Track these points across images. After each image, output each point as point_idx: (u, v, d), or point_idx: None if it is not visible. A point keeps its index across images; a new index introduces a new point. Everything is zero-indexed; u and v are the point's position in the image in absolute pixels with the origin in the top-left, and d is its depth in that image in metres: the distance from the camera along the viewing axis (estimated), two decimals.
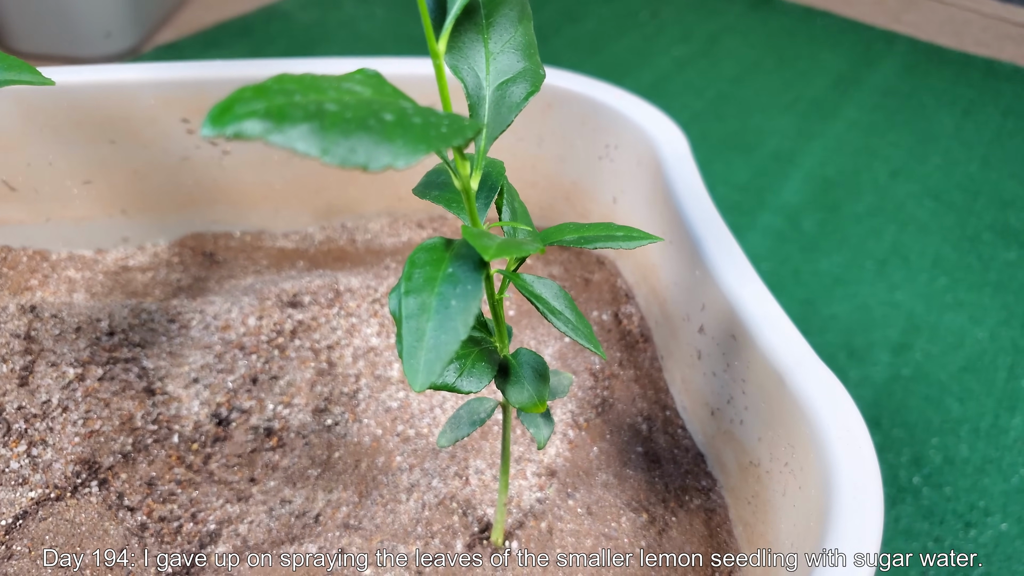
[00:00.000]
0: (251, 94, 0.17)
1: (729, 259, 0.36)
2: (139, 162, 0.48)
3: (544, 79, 0.26)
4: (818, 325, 0.59)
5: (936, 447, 0.50)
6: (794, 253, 0.67)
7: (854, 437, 0.27)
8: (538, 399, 0.28)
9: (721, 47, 1.02)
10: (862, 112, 0.89)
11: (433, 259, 0.24)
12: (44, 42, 0.87)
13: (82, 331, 0.43)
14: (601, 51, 0.99)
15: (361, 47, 0.95)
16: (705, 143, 0.82)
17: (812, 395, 0.29)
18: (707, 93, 0.92)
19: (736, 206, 0.73)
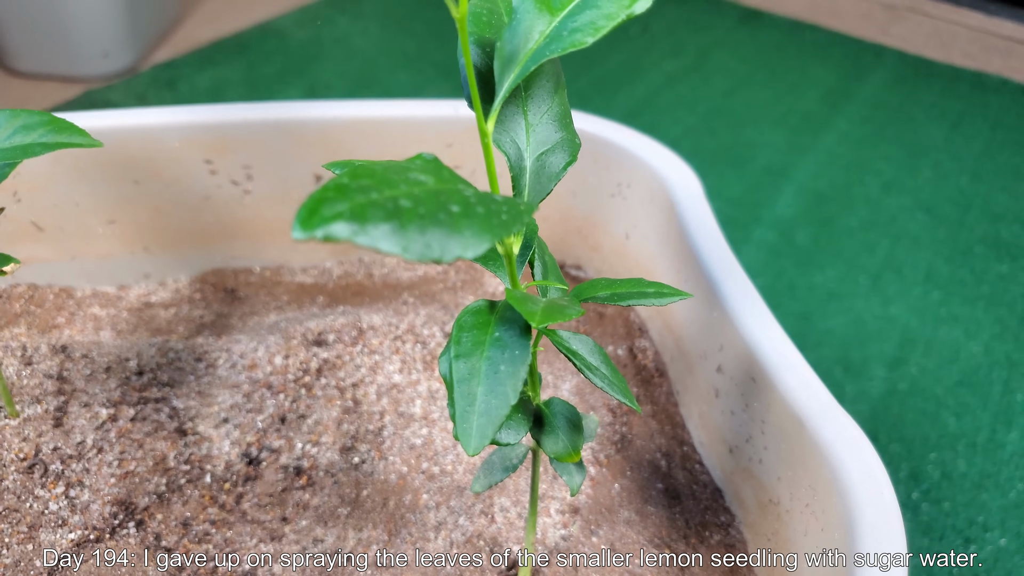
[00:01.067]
0: (333, 194, 0.18)
1: (747, 302, 0.37)
2: (162, 201, 0.49)
3: (580, 148, 0.27)
4: (814, 339, 0.61)
5: (934, 462, 0.52)
6: (789, 267, 0.68)
7: (877, 483, 0.29)
8: (572, 449, 0.30)
9: (712, 62, 1.04)
10: (852, 125, 0.90)
11: (480, 322, 0.25)
12: (43, 62, 0.88)
13: (112, 371, 0.44)
14: (593, 67, 1.01)
15: (356, 64, 0.97)
16: (698, 157, 0.83)
17: (834, 441, 0.31)
18: (699, 107, 0.93)
19: (730, 220, 0.74)
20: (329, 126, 0.48)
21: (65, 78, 0.89)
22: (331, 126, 0.48)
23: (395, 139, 0.49)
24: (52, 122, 0.32)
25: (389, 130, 0.48)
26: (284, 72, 0.94)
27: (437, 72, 0.95)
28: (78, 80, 0.89)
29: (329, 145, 0.49)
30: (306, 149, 0.49)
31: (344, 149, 0.49)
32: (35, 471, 0.39)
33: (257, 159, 0.49)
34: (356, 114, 0.48)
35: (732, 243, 0.70)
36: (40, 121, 0.32)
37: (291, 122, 0.47)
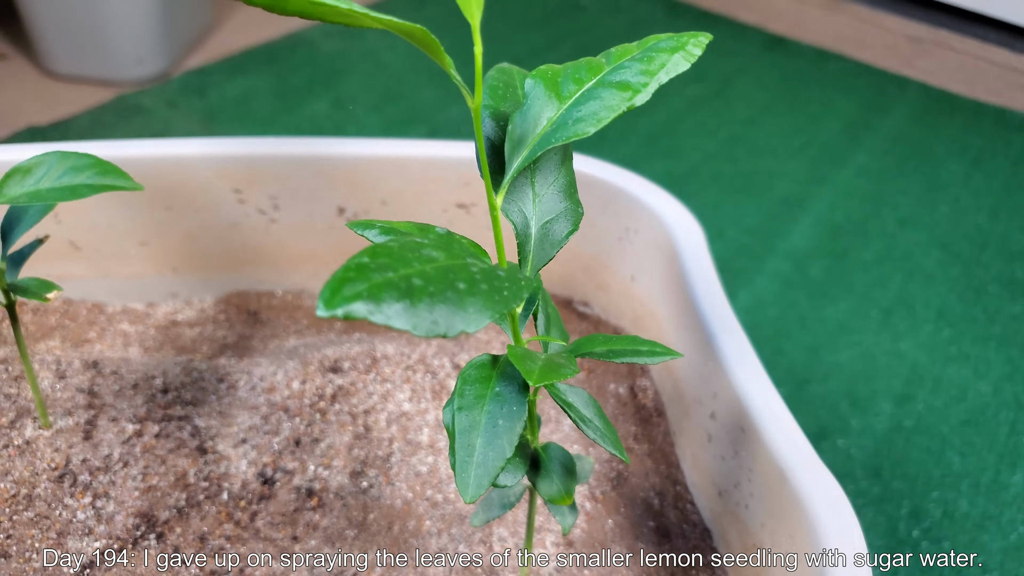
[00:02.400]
0: (354, 274, 0.20)
1: (741, 356, 0.39)
2: (192, 226, 0.52)
3: (582, 216, 0.30)
4: (822, 372, 0.62)
5: (936, 501, 0.53)
6: (801, 299, 0.69)
7: (851, 539, 0.31)
8: (566, 493, 0.32)
9: (735, 88, 1.05)
10: (872, 158, 0.91)
11: (482, 376, 0.28)
12: (79, 64, 0.92)
13: (139, 388, 0.47)
14: None
15: (383, 78, 0.99)
16: (716, 185, 0.85)
17: (812, 496, 0.33)
18: (720, 134, 0.94)
19: (745, 250, 0.75)
20: (353, 163, 0.50)
21: (100, 81, 0.93)
22: (355, 163, 0.50)
23: (415, 177, 0.51)
24: (98, 164, 0.35)
25: (410, 168, 0.51)
26: (312, 83, 0.97)
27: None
28: (112, 84, 0.93)
29: (353, 180, 0.51)
30: (331, 183, 0.51)
31: (367, 185, 0.51)
32: (65, 481, 0.42)
33: (284, 191, 0.51)
34: (379, 152, 0.50)
35: (745, 273, 0.72)
36: (88, 163, 0.35)
37: (317, 157, 0.50)
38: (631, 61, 0.26)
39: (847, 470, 0.55)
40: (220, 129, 0.88)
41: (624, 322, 0.54)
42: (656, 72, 0.25)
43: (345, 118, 0.94)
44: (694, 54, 0.26)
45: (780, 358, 0.64)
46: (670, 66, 0.26)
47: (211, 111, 0.90)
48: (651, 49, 0.26)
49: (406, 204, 0.53)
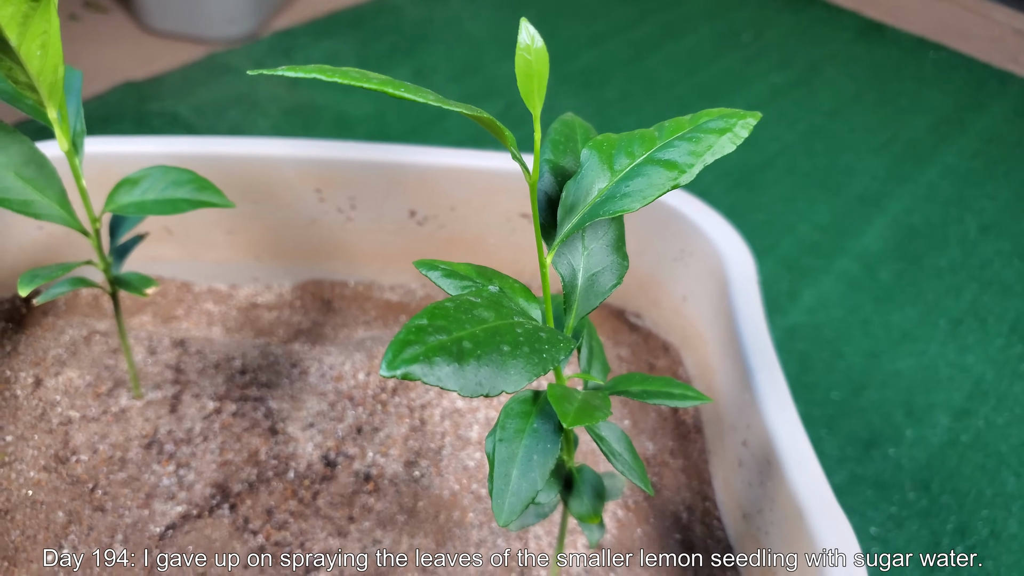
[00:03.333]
0: (413, 336, 0.23)
1: (774, 393, 0.42)
2: (274, 220, 0.56)
3: (627, 270, 0.32)
4: (880, 379, 0.62)
5: (984, 519, 0.53)
6: (866, 303, 0.69)
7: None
8: (594, 513, 0.35)
9: (821, 77, 1.02)
10: (961, 159, 0.88)
11: (523, 411, 0.31)
12: (175, 22, 0.98)
13: (220, 368, 0.51)
14: (698, 71, 1.02)
15: (464, 49, 1.01)
16: (791, 178, 0.84)
17: (825, 538, 0.35)
18: (800, 125, 0.93)
19: (814, 247, 0.75)
20: (424, 170, 0.54)
21: (193, 39, 0.98)
22: (426, 171, 0.54)
23: (481, 187, 0.54)
24: (196, 180, 0.39)
25: (477, 179, 0.54)
26: (394, 50, 1.00)
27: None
28: (204, 42, 0.98)
29: (424, 187, 0.54)
30: (403, 188, 0.55)
31: (437, 192, 0.54)
32: (153, 448, 0.47)
33: (361, 192, 0.55)
34: (448, 162, 0.53)
35: (813, 271, 0.72)
36: (188, 179, 0.39)
37: (391, 164, 0.53)
38: (680, 140, 0.28)
39: (895, 480, 0.55)
40: (302, 92, 0.92)
41: (673, 338, 0.57)
42: (703, 154, 0.28)
43: (424, 87, 0.97)
44: (741, 136, 0.29)
45: (838, 361, 0.64)
46: (716, 148, 0.28)
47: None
48: (700, 129, 0.29)
49: (472, 211, 0.56)
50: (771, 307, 0.69)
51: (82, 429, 0.47)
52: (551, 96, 0.96)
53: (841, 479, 0.56)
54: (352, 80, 0.24)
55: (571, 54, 1.05)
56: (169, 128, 0.85)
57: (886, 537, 0.52)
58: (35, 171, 0.39)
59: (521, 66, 0.25)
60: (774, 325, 0.68)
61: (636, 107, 0.96)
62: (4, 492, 0.44)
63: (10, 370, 0.50)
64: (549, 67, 0.26)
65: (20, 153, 0.39)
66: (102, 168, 0.52)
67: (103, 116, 0.87)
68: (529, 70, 0.25)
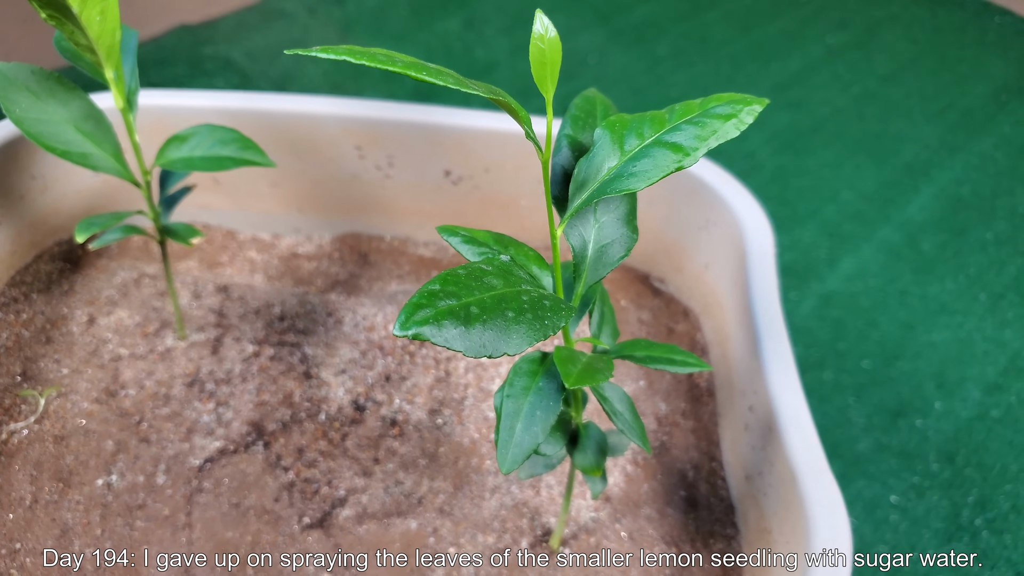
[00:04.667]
0: (425, 300, 0.26)
1: (780, 364, 0.43)
2: (317, 175, 0.59)
3: (636, 241, 0.34)
4: (913, 350, 0.63)
5: (1007, 494, 0.53)
6: (905, 273, 0.69)
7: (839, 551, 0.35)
8: (596, 466, 0.38)
9: (879, 39, 1.00)
10: (1018, 129, 0.86)
11: (531, 371, 0.33)
12: None
13: (260, 313, 0.55)
14: (753, 29, 1.01)
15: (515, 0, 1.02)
16: (839, 143, 0.83)
17: (814, 502, 0.37)
18: (853, 89, 0.92)
19: (857, 215, 0.75)
20: (460, 132, 0.56)
21: None
22: (462, 132, 0.56)
23: (515, 150, 0.56)
24: (241, 140, 0.41)
25: (511, 142, 0.56)
26: (447, 0, 1.01)
27: (595, 16, 0.98)
28: None
29: (459, 148, 0.56)
30: (440, 149, 0.57)
31: (472, 153, 0.56)
32: (195, 387, 0.51)
33: (399, 151, 0.57)
34: (483, 125, 0.55)
35: (853, 239, 0.72)
36: (232, 137, 0.41)
37: (429, 125, 0.55)
38: (687, 124, 0.30)
39: (920, 451, 0.56)
40: (354, 39, 0.93)
41: (694, 304, 0.58)
42: (707, 138, 0.29)
43: (474, 39, 0.98)
44: (746, 122, 0.30)
45: (872, 330, 0.65)
46: (721, 133, 0.29)
47: (348, 21, 0.95)
48: (707, 114, 0.30)
49: (506, 173, 0.58)
50: (808, 273, 0.70)
51: (130, 366, 0.51)
52: (601, 50, 0.97)
53: (865, 447, 0.57)
54: (378, 63, 0.26)
55: (625, 6, 1.04)
56: (222, 72, 0.88)
57: (906, 506, 0.54)
58: (93, 126, 0.42)
59: (535, 55, 0.27)
60: (810, 292, 0.69)
61: (688, 64, 0.95)
62: (60, 420, 0.48)
63: (67, 308, 0.54)
64: (598, 25, 0.28)
65: (80, 108, 0.42)
66: (155, 120, 0.55)
67: (159, 59, 0.90)
68: (543, 58, 0.27)
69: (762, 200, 0.77)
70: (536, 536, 0.46)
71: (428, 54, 0.92)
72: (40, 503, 0.45)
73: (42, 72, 0.41)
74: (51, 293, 0.54)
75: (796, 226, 0.75)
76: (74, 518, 0.45)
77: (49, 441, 0.48)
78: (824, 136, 0.86)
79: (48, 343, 0.52)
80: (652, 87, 0.92)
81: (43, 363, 0.51)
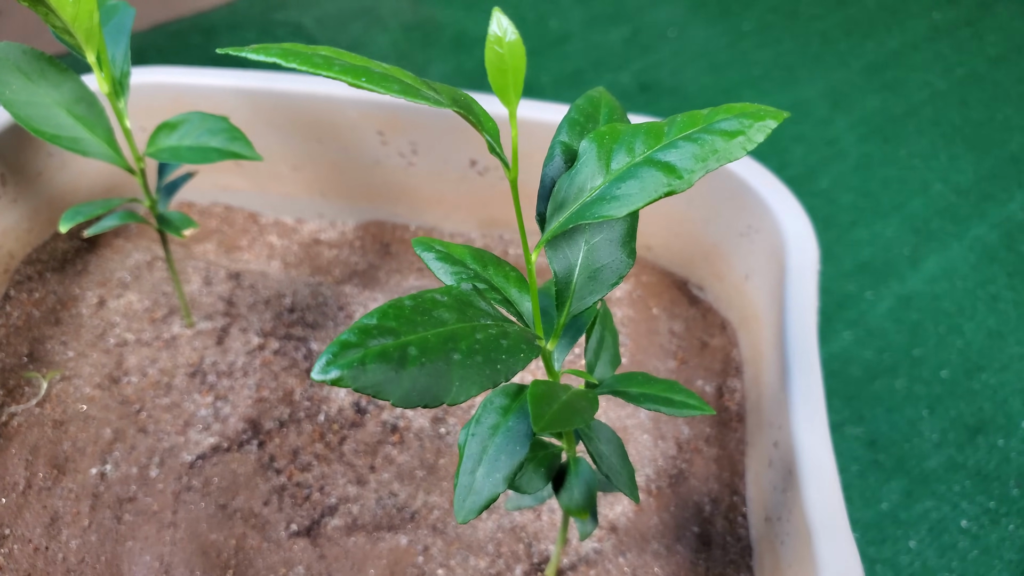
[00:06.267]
0: (356, 339, 0.23)
1: (808, 401, 0.39)
2: (338, 158, 0.56)
3: (632, 266, 0.30)
4: (1000, 362, 0.58)
5: None
6: (999, 276, 0.64)
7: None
8: (582, 508, 0.34)
9: (992, 17, 0.92)
10: None
11: (503, 406, 0.30)
12: None
13: (270, 304, 0.53)
14: (849, 4, 0.94)
15: None
16: (935, 131, 0.78)
17: (829, 562, 0.33)
18: (957, 71, 0.85)
19: (948, 210, 0.70)
20: None
21: None
22: None
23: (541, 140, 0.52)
24: (230, 130, 0.39)
25: (538, 132, 0.52)
26: None
27: None
28: None
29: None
30: (465, 137, 0.53)
31: None
32: (196, 377, 0.49)
33: (422, 139, 0.54)
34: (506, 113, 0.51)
35: (941, 236, 0.67)
36: (222, 127, 0.39)
37: (451, 113, 0.52)
38: (685, 140, 0.26)
39: (999, 473, 0.53)
40: (425, 8, 0.91)
41: (732, 316, 0.54)
42: (706, 159, 0.25)
43: (549, 8, 0.94)
44: (755, 141, 0.26)
45: (955, 337, 0.61)
46: (723, 154, 0.25)
47: None
48: (709, 129, 0.26)
49: (534, 164, 0.54)
50: (888, 271, 0.66)
51: (135, 352, 0.50)
52: (682, 23, 0.91)
53: (937, 464, 0.53)
54: (312, 66, 0.23)
55: None
56: (291, 38, 0.87)
57: (978, 532, 0.50)
58: (85, 109, 0.40)
59: (492, 60, 0.23)
60: (888, 291, 0.64)
61: (774, 40, 0.90)
62: (62, 404, 0.48)
63: (79, 288, 0.53)
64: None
65: (72, 91, 0.40)
66: (172, 99, 0.53)
67: (231, 23, 0.89)
68: (502, 64, 0.23)
69: (843, 190, 0.71)
70: (532, 564, 0.43)
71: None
72: (33, 489, 0.44)
73: (34, 52, 0.39)
74: (65, 273, 0.54)
75: (878, 219, 0.70)
76: (64, 507, 0.44)
77: (48, 426, 0.47)
78: (918, 122, 0.79)
79: (57, 324, 0.51)
80: (733, 64, 0.87)
81: (50, 344, 0.50)
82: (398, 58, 0.86)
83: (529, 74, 0.87)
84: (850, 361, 0.60)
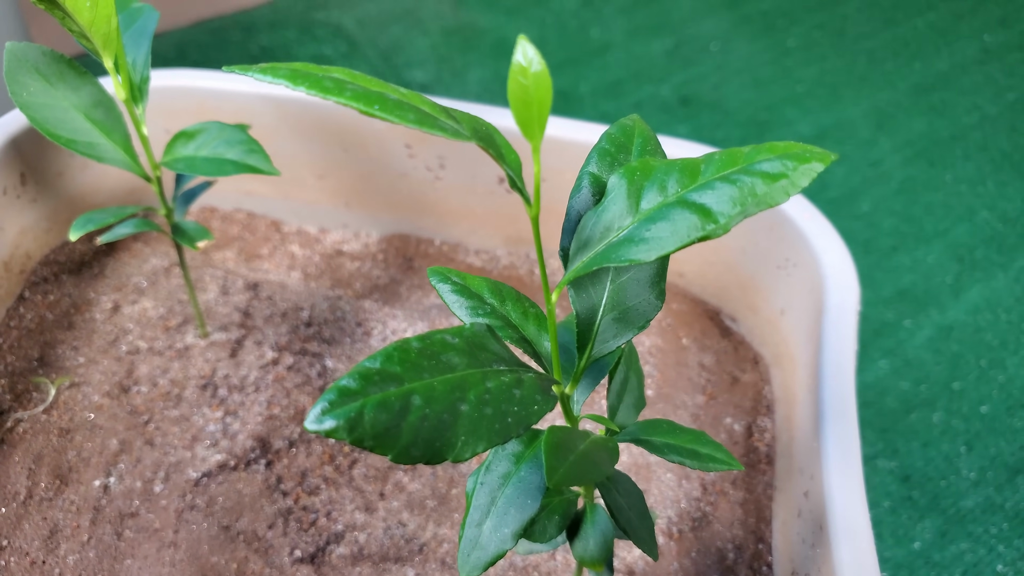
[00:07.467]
0: (356, 386, 0.21)
1: (843, 453, 0.36)
2: (364, 169, 0.55)
3: (660, 308, 0.28)
4: None
5: None
6: None
7: None
8: (597, 560, 0.32)
9: None
10: None
11: (516, 454, 0.28)
12: None
13: (287, 317, 0.51)
14: (898, 23, 0.91)
15: None
16: (983, 156, 0.75)
17: None
18: (1008, 95, 0.82)
19: (994, 238, 0.67)
20: (516, 137, 0.50)
21: None
22: (517, 138, 0.50)
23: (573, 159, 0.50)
24: (248, 142, 0.37)
25: (569, 150, 0.50)
26: None
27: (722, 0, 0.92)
28: None
29: None
30: None
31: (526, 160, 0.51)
32: (207, 390, 0.48)
33: (450, 153, 0.52)
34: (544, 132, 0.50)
35: (986, 266, 0.65)
36: (240, 139, 0.37)
37: None
38: (723, 182, 0.24)
39: None
40: (467, 13, 0.90)
41: (766, 351, 0.51)
42: (745, 202, 0.23)
43: (592, 17, 0.93)
44: (800, 185, 0.23)
45: (997, 371, 0.58)
46: (763, 198, 0.23)
47: None
48: (749, 171, 0.24)
49: (565, 182, 0.52)
50: (928, 300, 0.63)
51: (147, 361, 0.49)
52: (725, 37, 0.89)
53: (973, 504, 0.51)
54: (322, 90, 0.21)
55: None
56: (331, 39, 0.86)
57: None
58: (103, 114, 0.39)
59: (516, 92, 0.21)
60: (928, 320, 0.62)
61: (819, 57, 0.87)
62: (69, 412, 0.47)
63: (94, 292, 0.52)
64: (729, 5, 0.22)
65: (91, 95, 0.39)
66: (197, 103, 0.52)
67: (272, 21, 0.89)
68: (526, 96, 0.21)
69: (885, 214, 0.69)
70: None
71: (541, 30, 0.88)
72: (34, 499, 0.43)
73: (53, 54, 0.38)
74: (81, 275, 0.53)
75: (920, 245, 0.67)
76: (65, 519, 0.43)
77: (54, 434, 0.46)
78: (966, 147, 0.77)
79: (69, 328, 0.50)
80: (776, 80, 0.84)
81: (61, 349, 0.49)
82: (437, 61, 0.85)
83: (568, 83, 0.85)
84: (886, 392, 0.57)
